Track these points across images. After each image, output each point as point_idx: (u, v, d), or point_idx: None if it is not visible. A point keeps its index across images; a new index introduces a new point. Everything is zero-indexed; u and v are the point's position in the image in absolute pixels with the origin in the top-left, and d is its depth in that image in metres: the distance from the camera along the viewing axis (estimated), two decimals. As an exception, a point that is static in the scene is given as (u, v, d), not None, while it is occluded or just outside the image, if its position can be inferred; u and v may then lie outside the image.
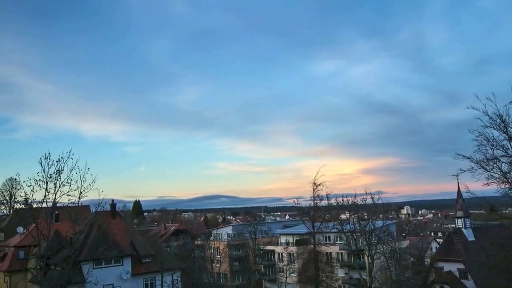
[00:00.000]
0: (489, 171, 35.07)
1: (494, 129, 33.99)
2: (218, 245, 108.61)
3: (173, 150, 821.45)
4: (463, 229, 67.97)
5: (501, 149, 34.38)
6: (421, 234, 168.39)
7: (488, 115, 33.50)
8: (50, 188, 42.46)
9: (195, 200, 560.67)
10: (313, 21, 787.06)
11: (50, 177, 42.52)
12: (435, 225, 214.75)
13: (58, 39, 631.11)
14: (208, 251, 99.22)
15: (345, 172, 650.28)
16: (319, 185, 76.30)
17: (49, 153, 42.78)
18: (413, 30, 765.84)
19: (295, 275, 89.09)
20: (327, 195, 76.63)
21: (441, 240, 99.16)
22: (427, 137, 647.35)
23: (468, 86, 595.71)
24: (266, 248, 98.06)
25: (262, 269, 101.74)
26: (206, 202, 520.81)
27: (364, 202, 70.27)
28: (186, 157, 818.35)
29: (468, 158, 35.71)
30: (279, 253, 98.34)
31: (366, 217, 73.17)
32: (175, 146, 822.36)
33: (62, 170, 42.63)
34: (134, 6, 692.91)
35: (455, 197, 70.27)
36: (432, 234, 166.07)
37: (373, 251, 66.70)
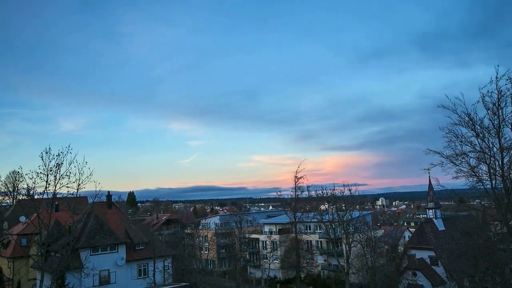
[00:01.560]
0: (458, 166, 35.46)
1: (463, 126, 34.40)
2: (206, 234, 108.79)
3: (226, 145, 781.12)
4: (433, 219, 68.35)
5: (469, 145, 34.81)
6: (395, 223, 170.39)
7: (457, 114, 33.96)
8: (50, 181, 42.64)
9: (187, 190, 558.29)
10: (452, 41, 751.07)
11: (51, 170, 42.58)
12: (407, 215, 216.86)
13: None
14: (197, 239, 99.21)
15: (356, 165, 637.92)
16: (301, 178, 76.72)
17: (49, 148, 42.76)
18: None
19: (277, 261, 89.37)
20: (307, 186, 77.08)
21: (414, 230, 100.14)
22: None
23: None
24: (251, 237, 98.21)
25: (247, 256, 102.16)
26: (199, 194, 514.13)
27: (342, 194, 70.68)
28: (232, 151, 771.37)
29: (439, 153, 36.16)
30: (263, 241, 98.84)
31: (344, 208, 73.39)
32: (233, 141, 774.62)
33: (61, 164, 42.70)
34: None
35: (427, 190, 70.78)
36: (405, 224, 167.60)
37: (350, 240, 67.00)
